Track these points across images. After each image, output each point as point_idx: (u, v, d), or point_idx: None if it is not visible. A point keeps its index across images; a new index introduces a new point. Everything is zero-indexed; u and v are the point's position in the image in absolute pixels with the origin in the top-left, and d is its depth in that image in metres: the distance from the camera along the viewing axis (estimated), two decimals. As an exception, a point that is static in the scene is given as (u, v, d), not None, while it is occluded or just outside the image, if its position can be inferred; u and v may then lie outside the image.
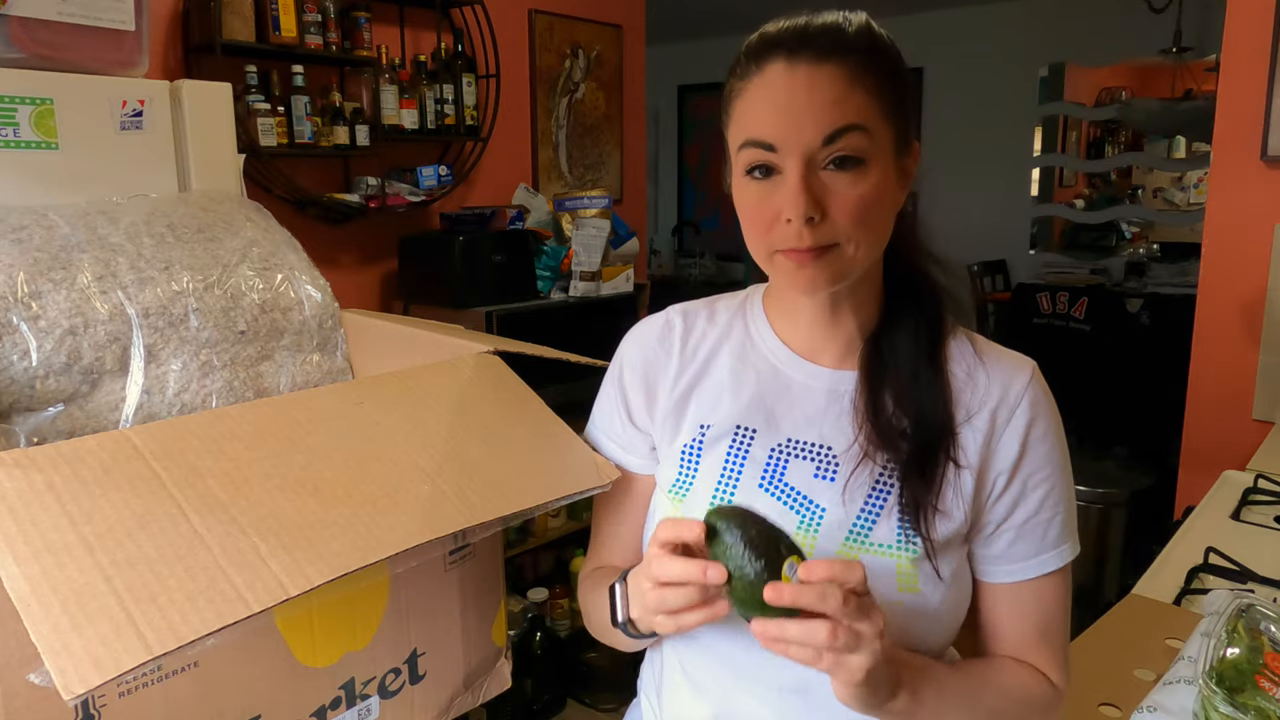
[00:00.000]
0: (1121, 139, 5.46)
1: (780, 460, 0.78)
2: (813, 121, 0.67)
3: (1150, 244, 4.88)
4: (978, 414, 0.75)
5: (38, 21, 1.16)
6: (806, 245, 0.69)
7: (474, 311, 2.44)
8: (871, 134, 0.68)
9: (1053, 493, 0.76)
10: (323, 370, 1.22)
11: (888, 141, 0.70)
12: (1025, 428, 0.75)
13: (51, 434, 1.01)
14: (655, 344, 0.86)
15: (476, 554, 1.00)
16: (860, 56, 0.69)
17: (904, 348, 0.76)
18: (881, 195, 0.70)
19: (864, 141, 0.68)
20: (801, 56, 0.68)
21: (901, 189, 0.74)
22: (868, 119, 0.68)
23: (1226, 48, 2.10)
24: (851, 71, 0.68)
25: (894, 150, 0.71)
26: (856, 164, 0.68)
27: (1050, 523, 0.75)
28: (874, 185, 0.69)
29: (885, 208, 0.71)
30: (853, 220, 0.69)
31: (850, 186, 0.68)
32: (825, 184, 0.69)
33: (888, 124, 0.70)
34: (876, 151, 0.69)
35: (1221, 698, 0.81)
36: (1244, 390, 2.15)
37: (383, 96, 2.49)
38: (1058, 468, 0.76)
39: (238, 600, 0.60)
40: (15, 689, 0.68)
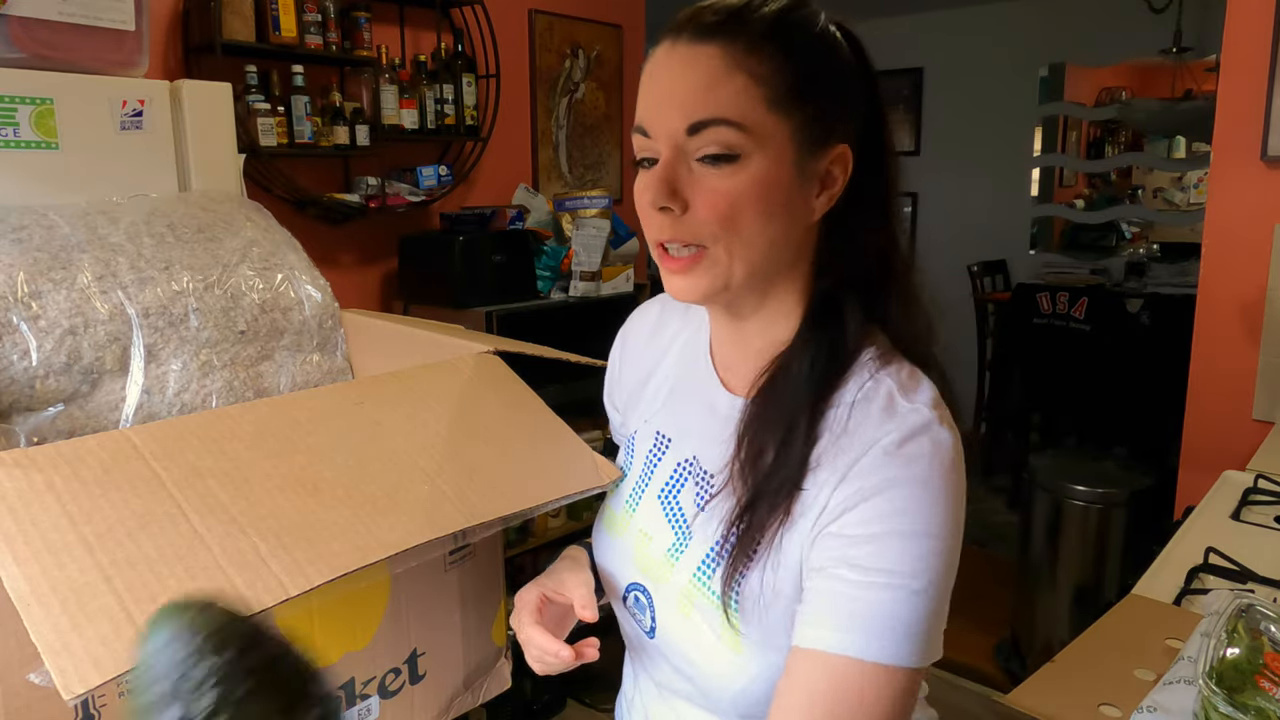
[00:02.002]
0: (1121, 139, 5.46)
1: (680, 477, 0.75)
2: (678, 108, 0.62)
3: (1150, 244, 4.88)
4: (830, 468, 0.63)
5: (38, 21, 1.16)
6: (666, 237, 0.64)
7: (474, 311, 2.44)
8: (748, 129, 0.61)
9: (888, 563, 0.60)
10: (323, 370, 1.22)
11: (781, 136, 0.62)
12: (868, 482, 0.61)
13: (51, 434, 1.01)
14: (639, 331, 0.89)
15: (476, 554, 1.00)
16: (751, 35, 0.62)
17: (794, 380, 0.67)
18: (763, 195, 0.62)
19: (734, 137, 0.61)
20: (683, 36, 0.63)
21: (810, 194, 0.66)
22: (744, 111, 0.61)
23: (1226, 48, 2.10)
24: (734, 53, 0.61)
25: (793, 147, 0.63)
26: (728, 160, 0.62)
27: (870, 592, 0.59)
28: (749, 182, 0.62)
29: (768, 210, 0.63)
30: (719, 218, 0.63)
31: (719, 181, 0.62)
32: (694, 176, 0.63)
33: (781, 116, 0.62)
34: (756, 147, 0.62)
35: (1221, 698, 0.81)
36: (1244, 390, 2.15)
37: (383, 96, 2.49)
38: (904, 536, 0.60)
39: (238, 600, 0.60)
40: (15, 689, 0.68)
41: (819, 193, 0.66)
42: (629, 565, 0.78)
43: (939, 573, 0.61)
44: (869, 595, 0.60)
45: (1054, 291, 3.92)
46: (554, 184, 3.21)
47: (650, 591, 0.75)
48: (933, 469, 0.61)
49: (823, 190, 0.66)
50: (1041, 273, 4.25)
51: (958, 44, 5.10)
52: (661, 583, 0.74)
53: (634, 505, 0.80)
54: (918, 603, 0.60)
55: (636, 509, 0.79)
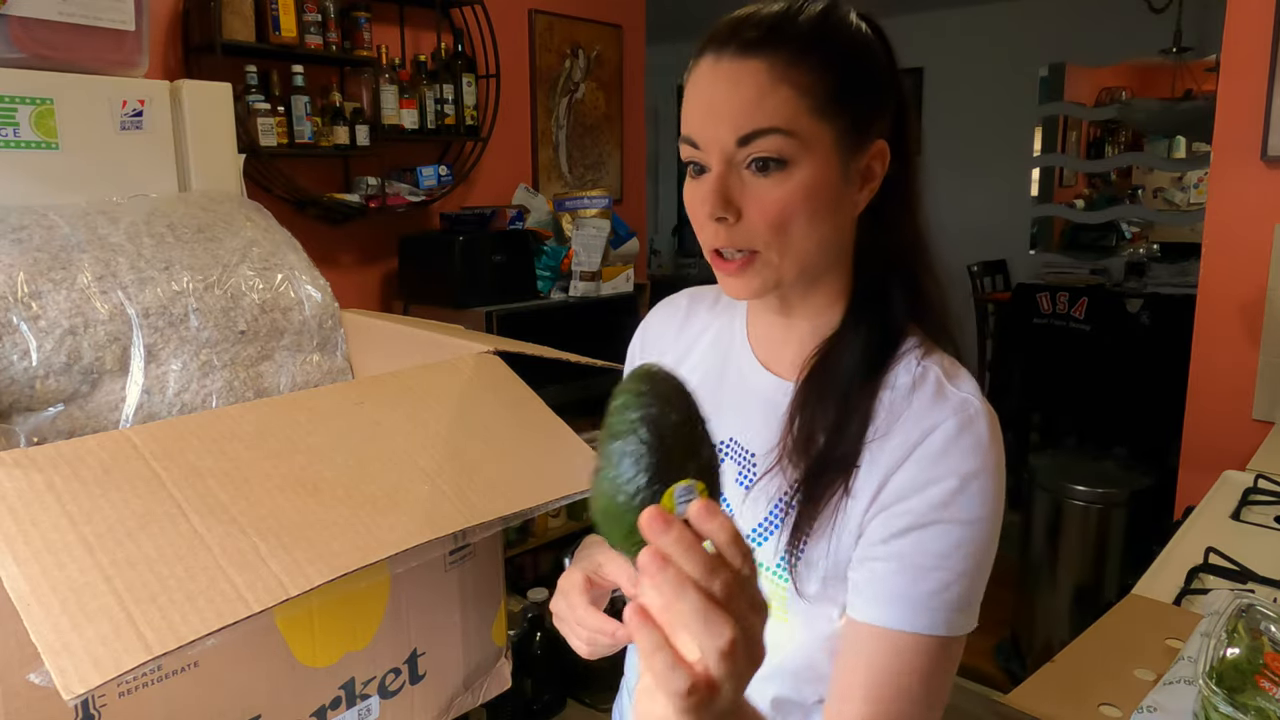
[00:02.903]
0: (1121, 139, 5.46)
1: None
2: (728, 121, 0.65)
3: (1150, 244, 4.88)
4: (887, 448, 0.67)
5: (38, 21, 1.16)
6: (721, 244, 0.67)
7: (474, 311, 2.44)
8: (796, 135, 0.64)
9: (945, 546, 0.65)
10: (323, 370, 1.22)
11: (826, 141, 0.66)
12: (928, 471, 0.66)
13: (51, 434, 1.01)
14: (664, 322, 0.89)
15: (476, 554, 1.00)
16: (793, 49, 0.65)
17: (846, 362, 0.70)
18: (811, 199, 0.65)
19: (783, 144, 0.64)
20: (726, 51, 0.65)
21: (854, 190, 0.69)
22: (791, 119, 0.64)
23: (1226, 48, 2.10)
24: (778, 66, 0.64)
25: (837, 150, 0.66)
26: (777, 166, 0.65)
27: (928, 574, 0.64)
28: (798, 188, 0.65)
29: (817, 212, 0.66)
30: (770, 225, 0.66)
31: (769, 190, 0.65)
32: (746, 185, 0.66)
33: (825, 122, 0.65)
34: (804, 153, 0.65)
35: (1221, 698, 0.81)
36: (1244, 390, 2.15)
37: (383, 96, 2.49)
38: (962, 524, 0.65)
39: (238, 600, 0.60)
40: (15, 689, 0.68)
41: (861, 188, 0.69)
42: None
43: (988, 553, 0.67)
44: (929, 575, 0.64)
45: (1054, 291, 3.92)
46: (554, 184, 3.21)
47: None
48: (987, 459, 0.67)
49: (864, 185, 0.69)
50: (1041, 273, 4.26)
51: (958, 44, 5.11)
52: None
53: None
54: (968, 582, 0.65)
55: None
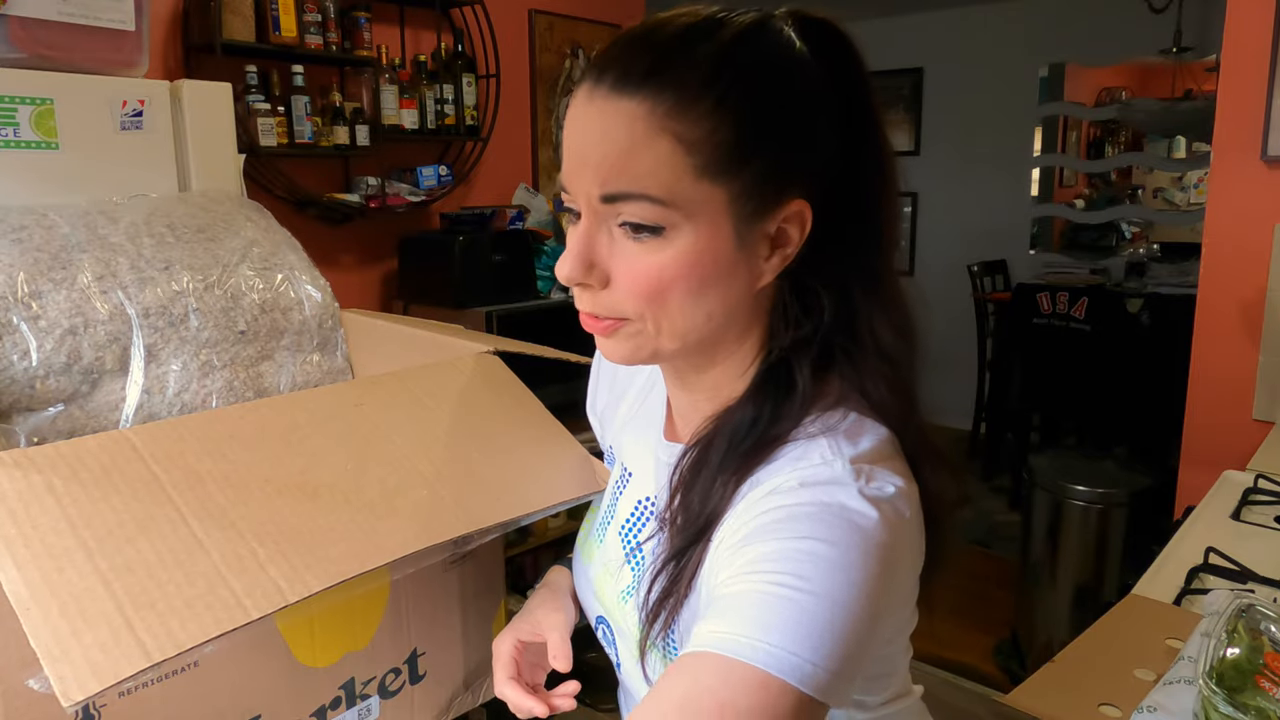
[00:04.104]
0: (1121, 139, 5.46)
1: (640, 516, 0.70)
2: (593, 172, 0.53)
3: (1150, 244, 4.88)
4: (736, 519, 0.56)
5: (38, 21, 1.16)
6: (586, 308, 0.58)
7: (474, 311, 2.44)
8: (671, 204, 0.52)
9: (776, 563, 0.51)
10: (323, 370, 1.22)
11: (716, 202, 0.53)
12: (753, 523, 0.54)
13: (51, 434, 1.01)
14: None
15: (477, 554, 1.00)
16: (681, 93, 0.51)
17: (729, 444, 0.59)
18: (693, 271, 0.54)
19: (654, 212, 0.53)
20: (603, 83, 0.53)
21: (756, 259, 0.56)
22: (666, 184, 0.52)
23: (1226, 48, 2.10)
24: (657, 111, 0.52)
25: (730, 213, 0.54)
26: (651, 233, 0.53)
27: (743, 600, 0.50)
28: (676, 259, 0.53)
29: (701, 285, 0.54)
30: (640, 297, 0.55)
31: (640, 257, 0.54)
32: (615, 245, 0.55)
33: (715, 184, 0.53)
34: (684, 220, 0.53)
35: (1221, 698, 0.81)
36: (1244, 390, 2.15)
37: (383, 96, 2.49)
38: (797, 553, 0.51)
39: (236, 607, 0.60)
40: (15, 691, 0.68)
41: (769, 255, 0.57)
42: (594, 598, 0.77)
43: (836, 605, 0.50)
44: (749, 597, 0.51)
45: (1054, 291, 3.92)
46: (554, 184, 3.21)
47: (613, 630, 0.73)
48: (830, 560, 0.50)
49: (775, 250, 0.57)
50: (1041, 273, 4.25)
51: (958, 44, 5.10)
52: (621, 624, 0.71)
53: (601, 536, 0.77)
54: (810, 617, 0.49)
55: (604, 540, 0.76)
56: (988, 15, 4.99)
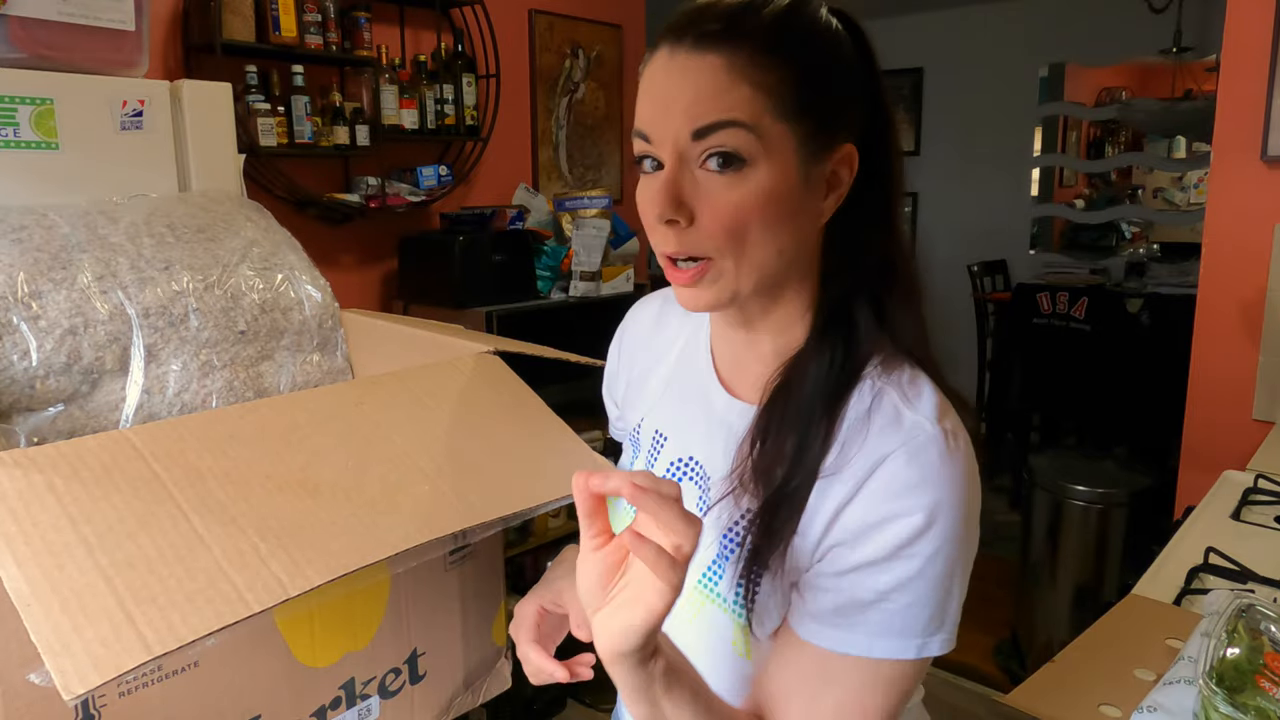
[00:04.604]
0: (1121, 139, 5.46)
1: (674, 477, 0.74)
2: (684, 113, 0.60)
3: (1150, 244, 4.88)
4: (838, 481, 0.62)
5: (38, 21, 1.16)
6: (672, 249, 0.62)
7: (474, 311, 2.44)
8: (757, 131, 0.59)
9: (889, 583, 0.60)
10: (323, 370, 1.22)
11: (788, 143, 0.60)
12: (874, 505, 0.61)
13: (51, 434, 1.01)
14: (638, 326, 0.88)
15: (476, 554, 1.00)
16: (754, 44, 0.59)
17: (808, 390, 0.65)
18: (769, 205, 0.60)
19: (744, 139, 0.59)
20: (683, 44, 0.60)
21: (817, 198, 0.63)
22: (751, 115, 0.59)
23: (1226, 48, 2.10)
24: (737, 62, 0.59)
25: (799, 153, 0.61)
26: (736, 164, 0.60)
27: (872, 607, 0.61)
28: (756, 192, 0.60)
29: (776, 219, 0.61)
30: (724, 230, 0.60)
31: (725, 190, 0.60)
32: (700, 185, 0.61)
33: (788, 123, 0.60)
34: (764, 154, 0.60)
35: (1221, 698, 0.81)
36: (1244, 390, 2.15)
37: (383, 96, 2.49)
38: (908, 559, 0.60)
39: (238, 601, 0.60)
40: (16, 689, 0.68)
41: (826, 195, 0.64)
42: None
43: (944, 580, 0.61)
44: (868, 608, 0.61)
45: (1054, 291, 3.92)
46: (554, 184, 3.21)
47: None
48: (940, 489, 0.60)
49: (830, 192, 0.64)
50: (1041, 273, 4.26)
51: (958, 44, 5.11)
52: None
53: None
54: (916, 610, 0.61)
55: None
56: (988, 15, 4.99)
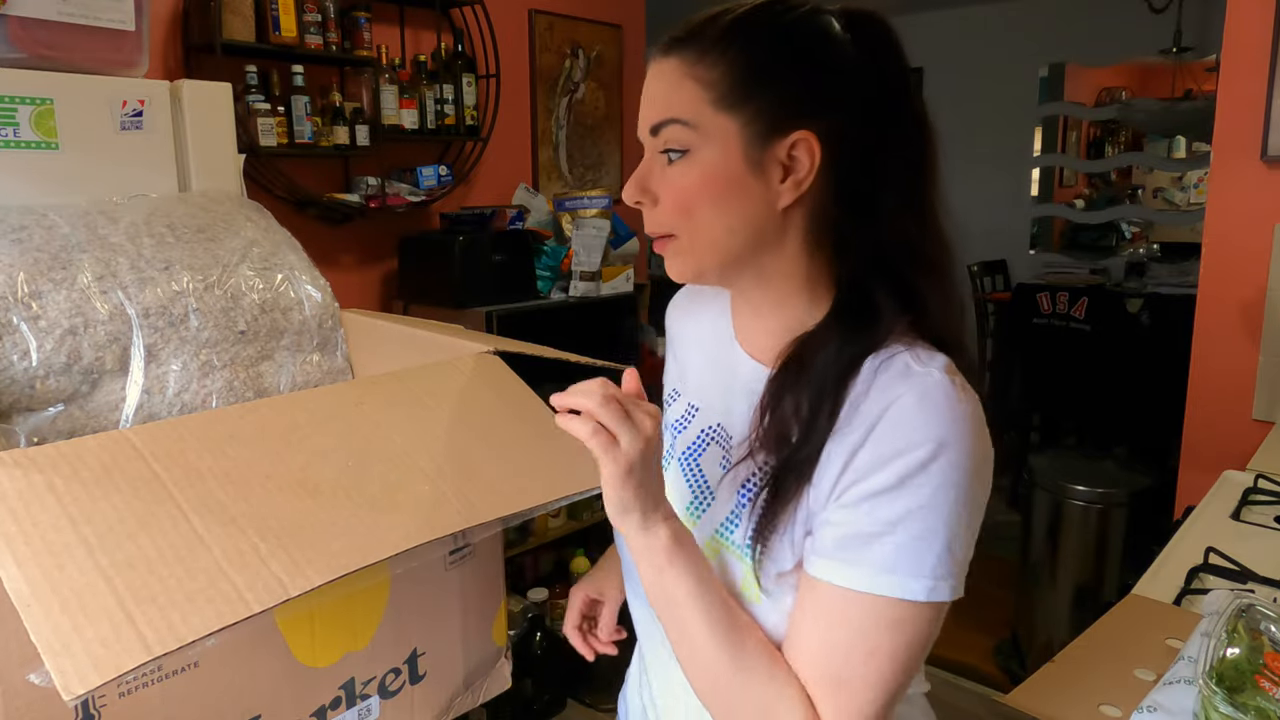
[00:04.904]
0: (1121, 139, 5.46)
1: (703, 443, 0.80)
2: (647, 114, 0.71)
3: (1150, 244, 4.88)
4: (849, 437, 0.66)
5: (38, 21, 1.16)
6: (647, 227, 0.72)
7: (474, 311, 2.44)
8: (696, 127, 0.67)
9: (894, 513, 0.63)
10: (323, 370, 1.22)
11: (728, 133, 0.67)
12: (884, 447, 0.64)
13: (51, 434, 1.01)
14: (673, 318, 0.94)
15: (476, 554, 1.00)
16: (703, 45, 0.68)
17: (820, 362, 0.69)
18: (712, 186, 0.68)
19: (684, 134, 0.68)
20: (657, 50, 0.71)
21: (770, 180, 0.68)
22: (691, 111, 0.68)
23: (1226, 48, 2.10)
24: (686, 62, 0.68)
25: (741, 139, 0.67)
26: (680, 155, 0.69)
27: (879, 539, 0.63)
28: (699, 175, 0.68)
29: (721, 199, 0.68)
30: (677, 209, 0.70)
31: (676, 176, 0.69)
32: (662, 173, 0.70)
33: (730, 113, 0.67)
34: (704, 142, 0.68)
35: (1221, 698, 0.81)
36: (1244, 390, 2.15)
37: (383, 96, 2.49)
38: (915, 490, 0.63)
39: (238, 601, 0.60)
40: (16, 688, 0.68)
41: (783, 178, 0.68)
42: None
43: (951, 521, 0.63)
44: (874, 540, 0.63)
45: (1054, 291, 3.92)
46: (554, 184, 3.21)
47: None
48: (947, 428, 0.63)
49: (787, 176, 0.68)
50: (1041, 273, 4.26)
51: (958, 44, 5.10)
52: None
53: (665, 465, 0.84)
54: (923, 547, 0.63)
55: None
56: (988, 15, 4.99)
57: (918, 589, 0.63)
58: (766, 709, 0.65)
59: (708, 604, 0.67)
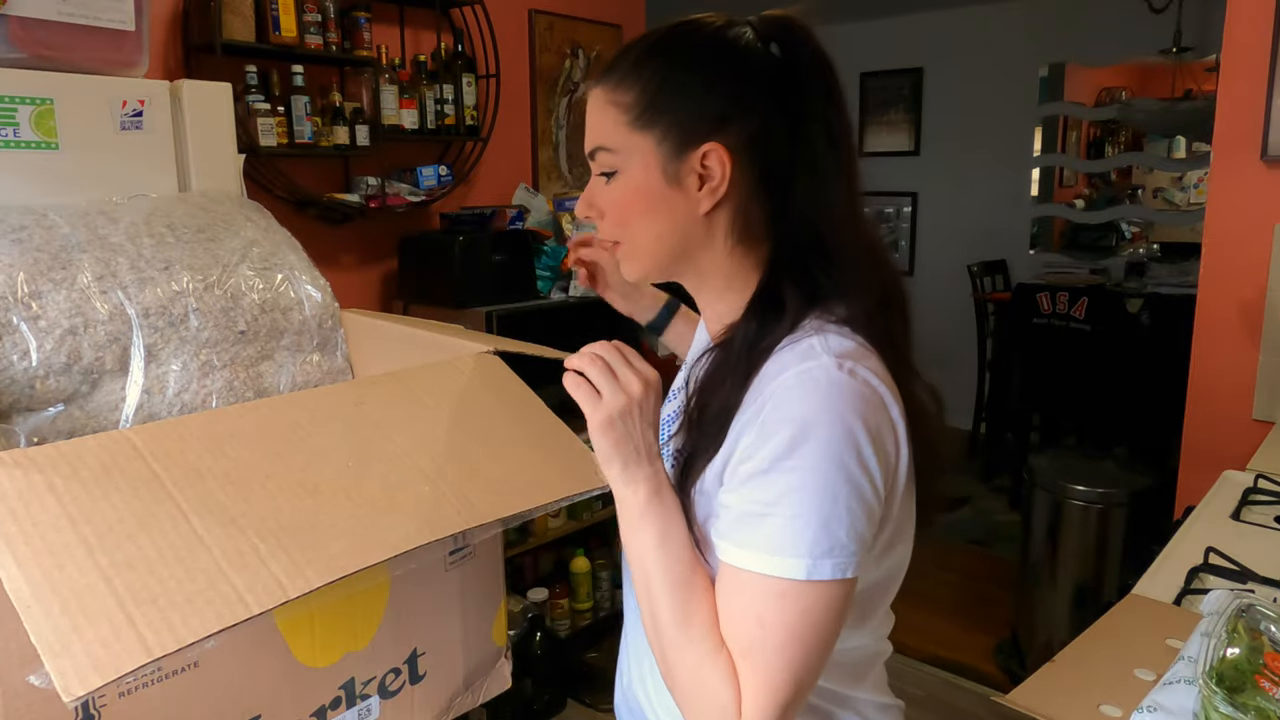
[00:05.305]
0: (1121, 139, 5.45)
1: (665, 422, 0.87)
2: (586, 140, 0.79)
3: (1150, 244, 4.88)
4: (744, 417, 0.71)
5: (38, 21, 1.16)
6: (599, 237, 0.82)
7: (474, 311, 2.44)
8: (617, 150, 0.75)
9: (773, 493, 0.66)
10: (323, 370, 1.22)
11: (645, 150, 0.74)
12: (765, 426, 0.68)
13: (51, 434, 1.01)
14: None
15: (476, 554, 1.00)
16: (619, 75, 0.75)
17: (738, 345, 0.76)
18: (638, 199, 0.76)
19: (610, 158, 0.76)
20: (591, 81, 0.82)
21: (689, 189, 0.74)
22: (611, 136, 0.76)
23: (1226, 48, 2.10)
24: (607, 91, 0.76)
25: (658, 154, 0.74)
26: (610, 175, 0.77)
27: (760, 520, 0.67)
28: (625, 192, 0.76)
29: (647, 210, 0.76)
30: (614, 221, 0.78)
31: (609, 194, 0.78)
32: (602, 190, 0.79)
33: (641, 133, 0.74)
34: (626, 162, 0.75)
35: (1221, 698, 0.81)
36: (1244, 390, 2.15)
37: (383, 96, 2.49)
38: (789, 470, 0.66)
39: (238, 602, 0.60)
40: (16, 689, 0.68)
41: (700, 186, 0.74)
42: None
43: (825, 499, 0.65)
44: (759, 520, 0.67)
45: (1054, 291, 3.91)
46: (554, 184, 3.21)
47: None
48: (818, 407, 0.66)
49: (703, 184, 0.74)
50: (1041, 273, 4.25)
51: (958, 44, 5.10)
52: None
53: None
54: (800, 525, 0.65)
55: None
56: (988, 15, 4.99)
57: (796, 567, 0.65)
58: (699, 671, 0.68)
59: (669, 561, 0.70)
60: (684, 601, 0.70)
